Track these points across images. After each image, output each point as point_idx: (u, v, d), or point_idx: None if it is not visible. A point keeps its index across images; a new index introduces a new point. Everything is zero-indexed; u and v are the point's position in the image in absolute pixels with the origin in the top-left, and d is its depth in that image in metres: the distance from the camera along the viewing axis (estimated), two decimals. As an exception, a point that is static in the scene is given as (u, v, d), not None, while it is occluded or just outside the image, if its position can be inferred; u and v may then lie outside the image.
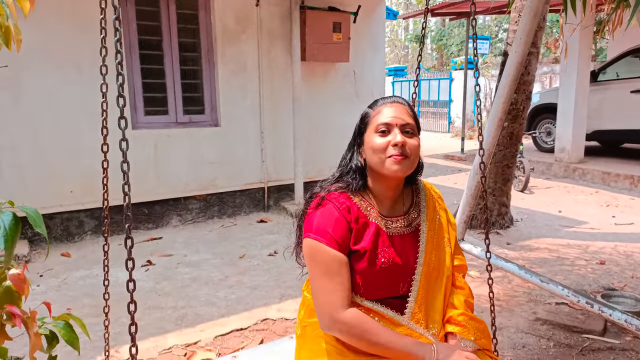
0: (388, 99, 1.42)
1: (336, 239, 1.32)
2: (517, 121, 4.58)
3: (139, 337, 2.80)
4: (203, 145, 4.86)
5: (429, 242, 1.45)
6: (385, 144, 1.34)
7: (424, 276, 1.42)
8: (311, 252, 1.34)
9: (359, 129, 1.43)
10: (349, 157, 1.45)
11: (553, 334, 2.81)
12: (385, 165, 1.34)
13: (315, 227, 1.34)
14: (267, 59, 5.11)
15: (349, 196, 1.39)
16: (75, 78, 4.17)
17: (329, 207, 1.36)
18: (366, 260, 1.35)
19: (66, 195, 4.26)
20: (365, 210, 1.39)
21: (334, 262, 1.32)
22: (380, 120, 1.36)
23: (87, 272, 3.72)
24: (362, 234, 1.37)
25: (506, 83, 2.00)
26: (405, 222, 1.45)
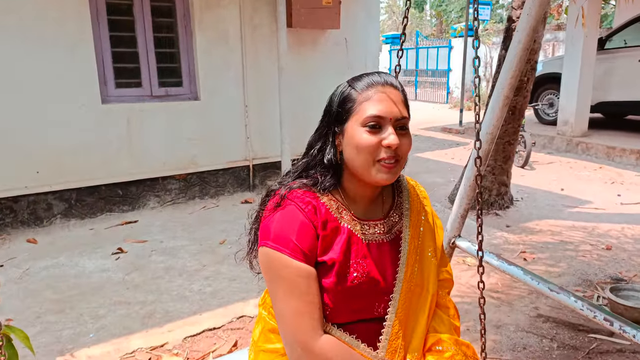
0: (377, 77, 1.09)
1: (302, 248, 1.04)
2: (520, 94, 4.22)
3: (100, 338, 2.54)
4: (181, 120, 4.50)
5: (412, 252, 1.17)
6: (376, 144, 1.04)
7: (405, 294, 1.14)
8: (271, 265, 1.06)
9: (337, 113, 1.10)
10: (318, 146, 1.14)
11: (557, 334, 2.55)
12: (371, 171, 1.05)
13: (275, 233, 1.06)
14: (250, 25, 4.69)
15: (315, 195, 1.10)
16: (38, 47, 3.77)
17: (291, 209, 1.08)
18: (335, 274, 1.07)
19: (32, 176, 3.93)
20: (336, 212, 1.11)
21: (301, 278, 1.04)
22: (370, 111, 1.05)
23: (53, 261, 3.43)
24: (332, 241, 1.09)
25: (515, 53, 1.66)
26: (385, 228, 1.17)
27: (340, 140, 1.10)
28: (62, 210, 4.12)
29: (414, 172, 6.10)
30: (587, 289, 3.02)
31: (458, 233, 2.00)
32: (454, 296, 2.95)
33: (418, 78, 16.35)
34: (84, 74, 3.98)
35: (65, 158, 4.03)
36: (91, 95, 4.05)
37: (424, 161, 6.96)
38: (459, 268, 3.28)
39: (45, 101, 3.87)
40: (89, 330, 2.59)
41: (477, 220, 1.33)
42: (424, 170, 6.31)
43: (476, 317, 2.76)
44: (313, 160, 1.14)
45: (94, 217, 4.24)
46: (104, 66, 4.13)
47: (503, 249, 3.65)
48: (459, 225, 1.97)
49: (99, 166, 4.17)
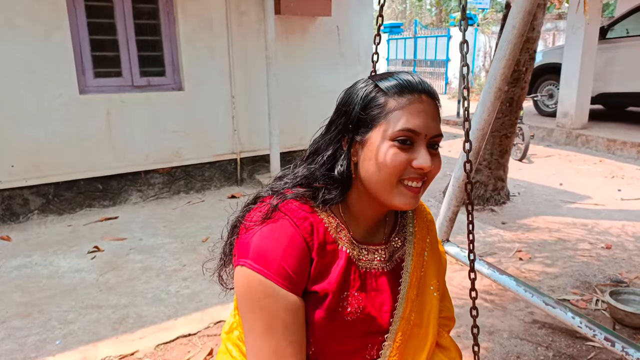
0: (412, 81, 0.89)
1: (289, 271, 0.84)
2: (518, 85, 4.04)
3: (67, 345, 2.36)
4: (165, 111, 4.32)
5: (413, 285, 0.99)
6: (404, 163, 0.86)
7: (401, 334, 0.96)
8: (249, 290, 0.84)
9: (359, 119, 0.89)
10: (329, 153, 0.93)
11: (553, 341, 2.40)
12: (392, 193, 0.87)
13: (258, 250, 0.85)
14: (237, 12, 4.48)
15: (312, 210, 0.91)
16: (8, 33, 3.57)
17: (284, 224, 0.87)
18: (326, 308, 0.88)
19: (7, 170, 3.75)
20: (335, 232, 0.91)
21: (287, 311, 0.84)
22: (404, 123, 0.86)
23: (26, 259, 3.27)
24: (328, 268, 0.89)
25: (509, 39, 1.48)
26: (386, 254, 0.98)
27: (357, 150, 0.91)
28: (39, 205, 3.95)
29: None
30: (585, 291, 2.87)
31: (446, 237, 1.84)
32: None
33: (416, 68, 16.09)
34: (60, 62, 3.79)
35: (41, 151, 3.85)
36: (68, 85, 3.85)
37: (419, 154, 6.77)
38: (451, 268, 3.12)
39: (18, 91, 3.68)
40: (55, 336, 2.43)
41: (468, 237, 1.16)
42: (419, 163, 6.13)
43: (468, 323, 2.60)
44: (320, 170, 0.93)
45: (73, 213, 4.07)
46: (81, 54, 3.94)
47: (498, 248, 3.49)
48: (447, 228, 1.81)
49: (77, 160, 3.99)
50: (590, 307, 2.69)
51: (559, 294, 2.85)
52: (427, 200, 4.51)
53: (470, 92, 10.49)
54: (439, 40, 15.00)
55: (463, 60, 1.08)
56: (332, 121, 0.95)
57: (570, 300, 2.75)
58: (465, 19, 1.06)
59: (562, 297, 2.79)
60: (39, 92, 3.76)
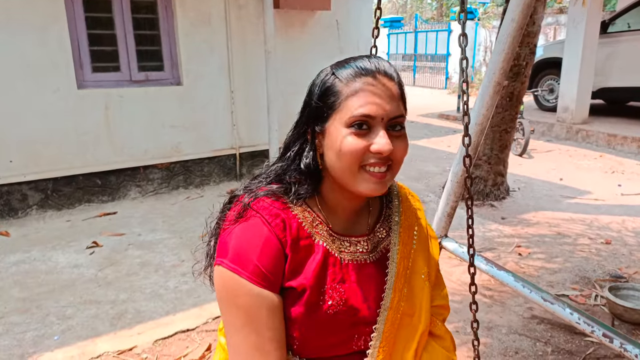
0: (367, 64, 0.87)
1: (265, 271, 0.85)
2: (518, 79, 4.02)
3: (65, 341, 2.36)
4: (163, 106, 4.30)
5: (401, 275, 0.97)
6: (362, 149, 0.84)
7: (390, 324, 0.95)
8: (226, 289, 0.86)
9: (317, 109, 0.89)
10: (296, 148, 0.94)
11: (551, 337, 2.40)
12: (355, 180, 0.86)
13: (234, 251, 0.86)
14: (235, 6, 4.45)
15: (286, 205, 0.91)
16: (4, 27, 3.55)
17: (256, 222, 0.88)
18: (305, 302, 0.88)
19: (5, 165, 3.74)
20: (310, 227, 0.91)
21: (263, 308, 0.85)
22: (357, 109, 0.84)
23: (25, 255, 3.26)
24: (303, 263, 0.90)
25: (509, 33, 1.46)
26: (369, 246, 0.97)
27: (321, 141, 0.90)
28: (37, 201, 3.94)
29: (408, 161, 5.91)
30: (584, 287, 2.86)
31: (445, 233, 1.83)
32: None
33: (417, 63, 16.05)
34: (58, 57, 3.76)
35: (40, 146, 3.84)
36: (66, 79, 3.83)
37: (419, 149, 6.77)
38: (450, 263, 3.12)
39: (15, 85, 3.66)
40: (54, 332, 2.43)
41: (468, 232, 1.14)
42: (419, 158, 6.12)
43: (467, 318, 2.61)
44: (287, 164, 0.94)
45: (72, 208, 4.07)
46: (79, 49, 3.91)
47: (497, 243, 3.48)
48: (445, 224, 1.80)
49: (76, 155, 3.98)
50: (590, 303, 2.68)
51: (558, 289, 2.84)
52: (427, 195, 4.50)
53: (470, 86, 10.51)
54: (439, 35, 14.95)
55: (462, 53, 1.06)
56: (299, 115, 0.95)
57: (570, 296, 2.75)
58: (465, 11, 1.04)
59: (561, 293, 2.78)
60: (37, 86, 3.74)
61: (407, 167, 5.58)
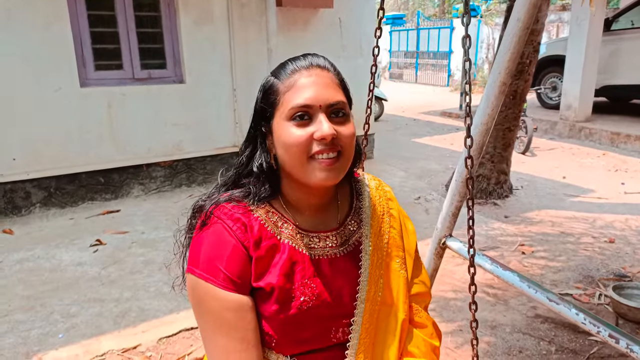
0: (301, 61, 0.91)
1: (231, 276, 0.88)
2: (522, 77, 4.00)
3: (69, 339, 2.36)
4: (166, 104, 4.30)
5: (375, 266, 0.99)
6: (306, 139, 0.86)
7: (368, 316, 0.97)
8: (196, 295, 0.89)
9: (261, 110, 0.92)
10: (247, 153, 0.96)
11: (555, 335, 2.40)
12: (307, 171, 0.87)
13: (200, 258, 0.89)
14: (238, 4, 4.45)
15: (247, 209, 0.93)
16: (6, 24, 3.55)
17: (218, 229, 0.91)
18: (275, 300, 0.90)
19: (8, 163, 3.75)
20: (274, 227, 0.93)
21: (230, 311, 0.87)
22: (295, 100, 0.87)
23: (28, 253, 3.27)
24: (269, 263, 0.91)
25: (514, 32, 1.46)
26: (339, 239, 0.98)
27: (271, 141, 0.93)
28: (41, 199, 3.94)
29: (411, 158, 5.92)
30: (588, 286, 2.86)
31: (449, 232, 1.82)
32: (447, 292, 2.81)
33: (419, 60, 16.01)
34: (61, 55, 3.77)
35: (42, 144, 3.84)
36: (69, 78, 3.84)
37: (421, 147, 6.76)
38: (453, 262, 3.11)
39: (18, 84, 3.67)
40: (58, 330, 2.44)
41: (468, 232, 1.14)
42: (421, 156, 6.12)
43: (470, 317, 2.61)
44: (245, 170, 0.96)
45: (75, 206, 4.07)
46: (82, 47, 3.91)
47: (500, 241, 3.48)
48: (449, 224, 1.79)
49: (79, 153, 3.99)
50: (593, 302, 2.68)
51: (561, 288, 2.84)
52: (430, 193, 4.50)
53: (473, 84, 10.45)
54: (441, 32, 14.91)
55: (465, 54, 1.06)
56: (250, 123, 0.97)
57: (573, 295, 2.74)
58: (468, 13, 1.04)
59: (564, 292, 2.78)
60: (40, 84, 3.75)
61: (409, 165, 5.58)
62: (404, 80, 16.72)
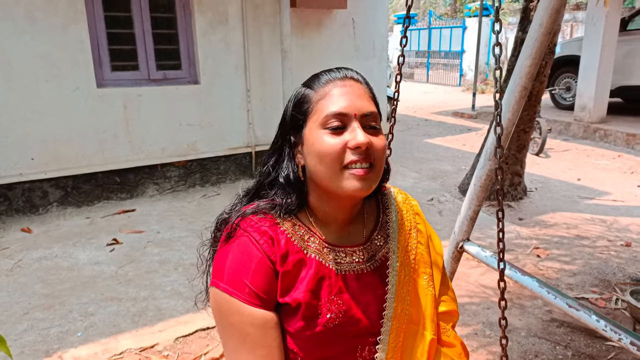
0: (336, 73, 0.91)
1: (256, 291, 0.86)
2: (537, 79, 3.97)
3: (88, 337, 2.40)
4: (180, 105, 4.33)
5: (402, 282, 0.97)
6: (341, 147, 0.85)
7: (395, 335, 0.95)
8: (220, 309, 0.88)
9: (292, 118, 0.91)
10: (272, 162, 0.94)
11: (572, 340, 2.39)
12: (339, 181, 0.85)
13: (225, 271, 0.87)
14: (252, 5, 4.47)
15: (274, 221, 0.91)
16: (26, 26, 3.60)
17: (244, 241, 0.88)
18: (301, 317, 0.88)
19: (27, 162, 3.81)
20: (301, 241, 0.91)
21: (254, 327, 0.86)
22: (329, 108, 0.86)
23: (46, 252, 3.32)
24: (295, 278, 0.90)
25: (536, 37, 1.45)
26: (366, 255, 0.96)
27: (300, 151, 0.91)
28: (58, 198, 4.00)
29: (424, 159, 5.90)
30: (604, 290, 2.84)
31: (467, 237, 1.82)
32: (462, 296, 2.80)
33: (430, 60, 15.95)
34: (78, 55, 3.82)
35: (60, 144, 3.89)
36: (86, 78, 3.88)
37: (433, 147, 6.73)
38: (467, 265, 3.11)
39: (37, 84, 3.72)
40: (77, 328, 2.48)
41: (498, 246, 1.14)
42: (433, 157, 6.10)
43: (484, 321, 2.61)
44: (267, 179, 0.95)
45: (91, 205, 4.13)
46: (99, 48, 3.96)
47: (515, 244, 3.46)
48: (467, 228, 1.79)
49: (95, 153, 4.04)
50: (610, 306, 2.66)
51: (577, 292, 2.82)
52: (443, 195, 4.49)
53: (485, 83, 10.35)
54: (453, 31, 14.82)
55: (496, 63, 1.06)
56: (276, 133, 0.97)
57: (589, 299, 2.73)
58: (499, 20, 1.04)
59: (580, 296, 2.76)
60: (58, 85, 3.80)
61: (422, 166, 5.57)
62: (415, 80, 16.66)
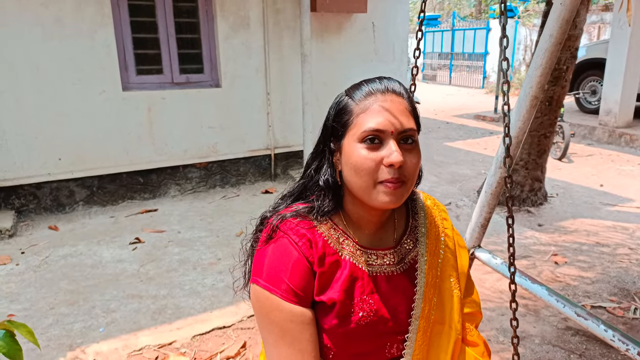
0: (377, 84, 0.94)
1: (294, 288, 0.92)
2: (558, 84, 3.93)
3: (109, 333, 2.50)
4: (202, 107, 4.43)
5: (430, 285, 1.02)
6: (376, 164, 0.89)
7: (422, 334, 1.00)
8: (261, 305, 0.94)
9: (332, 128, 0.96)
10: (315, 165, 1.00)
11: (587, 349, 2.37)
12: (372, 194, 0.91)
13: (266, 270, 0.94)
14: (273, 9, 4.54)
15: (311, 224, 0.97)
16: (56, 32, 3.75)
17: (284, 243, 0.95)
18: (336, 315, 0.94)
19: (54, 163, 3.96)
20: (336, 243, 0.97)
21: (294, 323, 0.92)
22: (368, 124, 0.90)
23: (72, 249, 3.45)
24: (331, 278, 0.96)
25: (546, 48, 1.46)
26: (396, 258, 1.02)
27: (338, 159, 0.97)
28: (84, 197, 4.14)
29: (443, 163, 5.88)
30: (623, 299, 2.80)
31: (478, 243, 1.84)
32: (476, 301, 2.80)
33: (453, 61, 15.80)
34: (105, 60, 3.95)
35: (86, 145, 4.04)
36: (112, 82, 4.02)
37: (454, 151, 6.69)
38: (482, 270, 3.10)
39: (65, 87, 3.87)
40: (99, 324, 2.58)
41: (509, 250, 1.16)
42: (453, 160, 6.07)
43: (499, 327, 2.60)
44: (310, 182, 1.01)
45: (115, 205, 4.26)
46: (124, 52, 4.09)
47: (533, 251, 3.43)
48: (478, 235, 1.81)
49: (120, 154, 4.17)
50: (628, 316, 2.62)
51: (595, 300, 2.79)
52: (461, 199, 4.47)
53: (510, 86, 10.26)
54: (477, 33, 14.66)
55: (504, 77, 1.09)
56: (319, 135, 1.01)
57: (607, 308, 2.69)
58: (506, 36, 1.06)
59: (598, 304, 2.73)
60: (85, 89, 3.94)
61: (441, 170, 5.55)
62: (437, 82, 16.54)
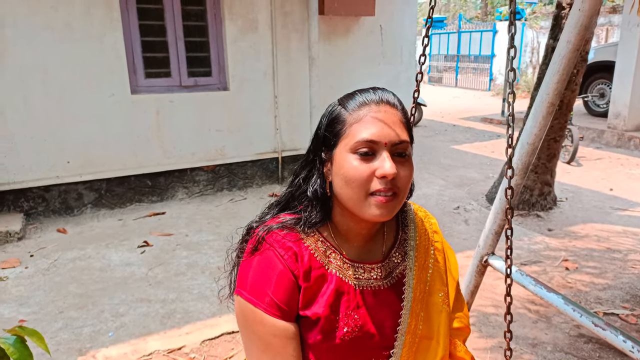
0: (372, 95, 0.92)
1: (278, 302, 0.90)
2: (569, 87, 3.90)
3: (119, 338, 2.50)
4: (210, 110, 4.44)
5: (417, 300, 0.99)
6: (368, 175, 0.87)
7: (407, 349, 0.98)
8: (244, 318, 0.93)
9: (324, 137, 0.94)
10: (303, 175, 0.97)
11: (600, 357, 2.34)
12: (363, 206, 0.88)
13: (250, 283, 0.92)
14: (281, 13, 4.54)
15: (298, 236, 0.95)
16: (66, 35, 3.76)
17: (269, 255, 0.92)
18: (320, 330, 0.92)
19: (63, 165, 3.97)
20: (323, 257, 0.95)
21: (277, 337, 0.90)
22: (361, 134, 0.88)
23: (81, 252, 3.46)
24: (316, 293, 0.93)
25: (564, 54, 1.44)
26: (383, 272, 0.99)
27: (329, 169, 0.94)
28: (92, 200, 4.15)
29: (450, 166, 5.85)
30: (636, 306, 2.76)
31: (492, 250, 1.82)
32: (487, 306, 2.78)
33: (459, 64, 15.76)
34: (114, 63, 3.96)
35: (95, 148, 4.04)
36: (120, 85, 4.03)
37: (461, 154, 6.66)
38: (494, 276, 3.07)
39: (74, 90, 3.88)
40: (108, 328, 2.57)
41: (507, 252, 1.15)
42: (460, 164, 6.04)
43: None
44: (298, 191, 0.98)
45: (124, 208, 4.26)
46: (133, 55, 4.10)
47: (543, 256, 3.40)
48: (492, 242, 1.79)
49: (128, 156, 4.17)
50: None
51: (607, 307, 2.76)
52: (469, 203, 4.45)
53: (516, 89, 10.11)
54: (484, 35, 14.62)
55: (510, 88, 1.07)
56: (309, 144, 0.99)
57: (619, 315, 2.66)
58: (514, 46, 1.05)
59: (610, 311, 2.70)
60: (93, 91, 3.95)
61: (448, 173, 5.52)
62: (443, 84, 16.50)
